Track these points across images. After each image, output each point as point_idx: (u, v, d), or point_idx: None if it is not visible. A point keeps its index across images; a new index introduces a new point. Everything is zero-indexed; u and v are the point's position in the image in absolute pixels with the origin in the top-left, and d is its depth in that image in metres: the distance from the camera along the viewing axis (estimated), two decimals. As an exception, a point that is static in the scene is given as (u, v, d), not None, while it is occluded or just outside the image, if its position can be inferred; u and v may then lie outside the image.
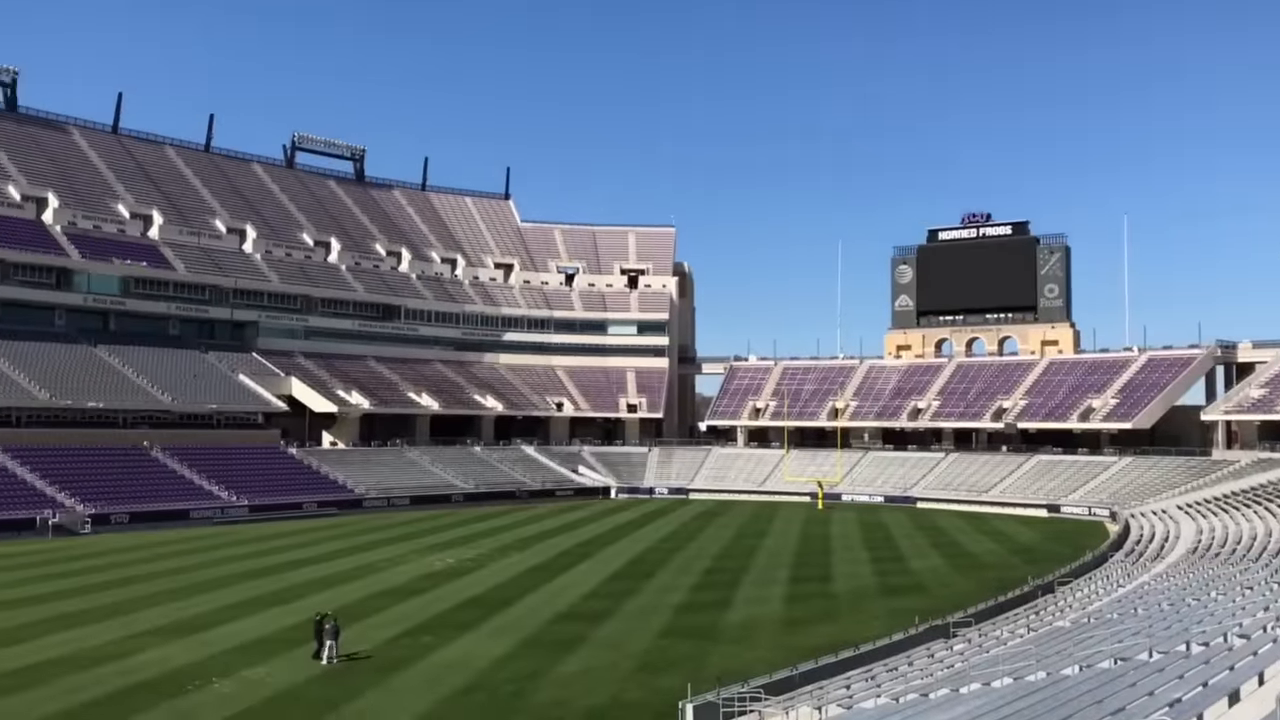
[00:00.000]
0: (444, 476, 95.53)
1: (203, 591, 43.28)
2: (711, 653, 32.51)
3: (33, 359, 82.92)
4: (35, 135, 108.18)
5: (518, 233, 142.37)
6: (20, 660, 30.40)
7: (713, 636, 35.08)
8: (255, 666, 29.99)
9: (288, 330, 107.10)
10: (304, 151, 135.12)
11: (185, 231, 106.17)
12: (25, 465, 71.78)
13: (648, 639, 34.48)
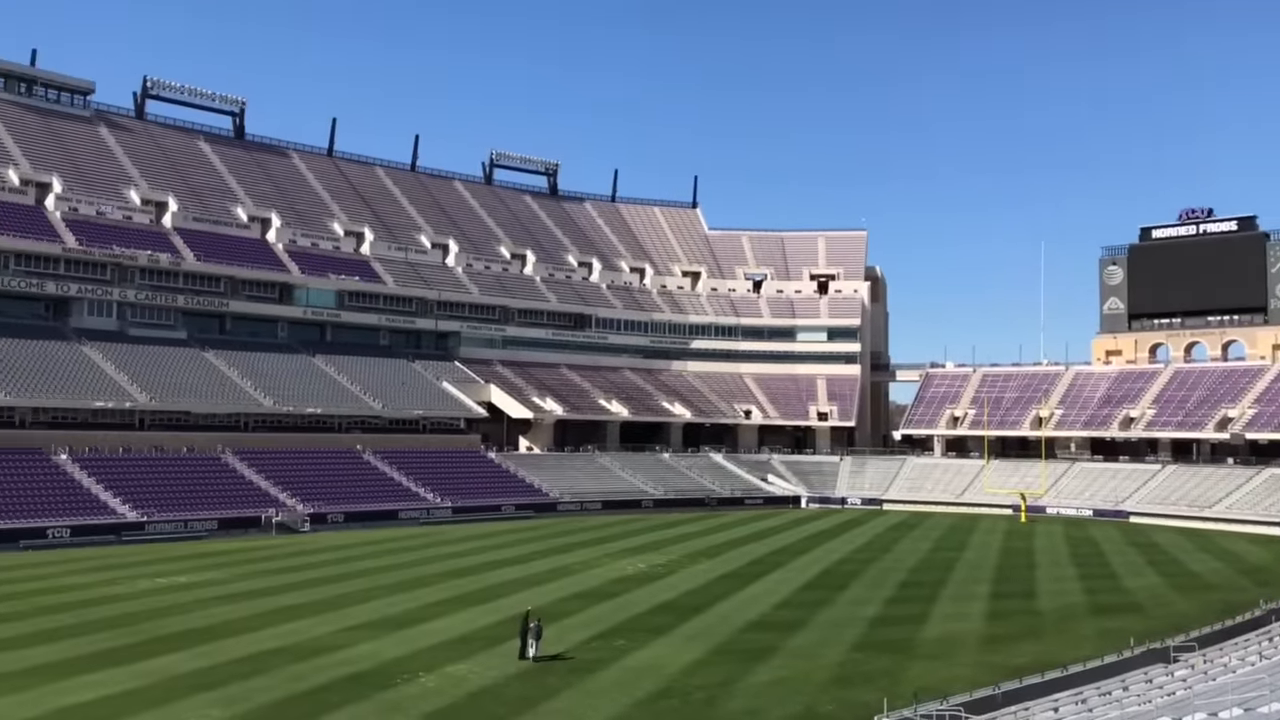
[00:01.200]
0: (634, 482, 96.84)
1: (410, 589, 45.42)
2: (908, 668, 31.51)
3: (258, 368, 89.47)
4: (260, 160, 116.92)
5: (705, 240, 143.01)
6: (246, 649, 32.71)
7: (908, 651, 34.00)
8: (458, 663, 31.17)
9: (487, 340, 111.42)
10: (501, 168, 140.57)
11: (393, 247, 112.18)
12: (252, 467, 77.45)
13: (841, 651, 33.77)
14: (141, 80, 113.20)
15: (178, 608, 39.96)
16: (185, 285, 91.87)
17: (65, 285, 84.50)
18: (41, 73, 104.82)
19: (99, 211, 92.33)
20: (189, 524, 66.90)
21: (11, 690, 27.09)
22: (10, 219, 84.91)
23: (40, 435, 71.66)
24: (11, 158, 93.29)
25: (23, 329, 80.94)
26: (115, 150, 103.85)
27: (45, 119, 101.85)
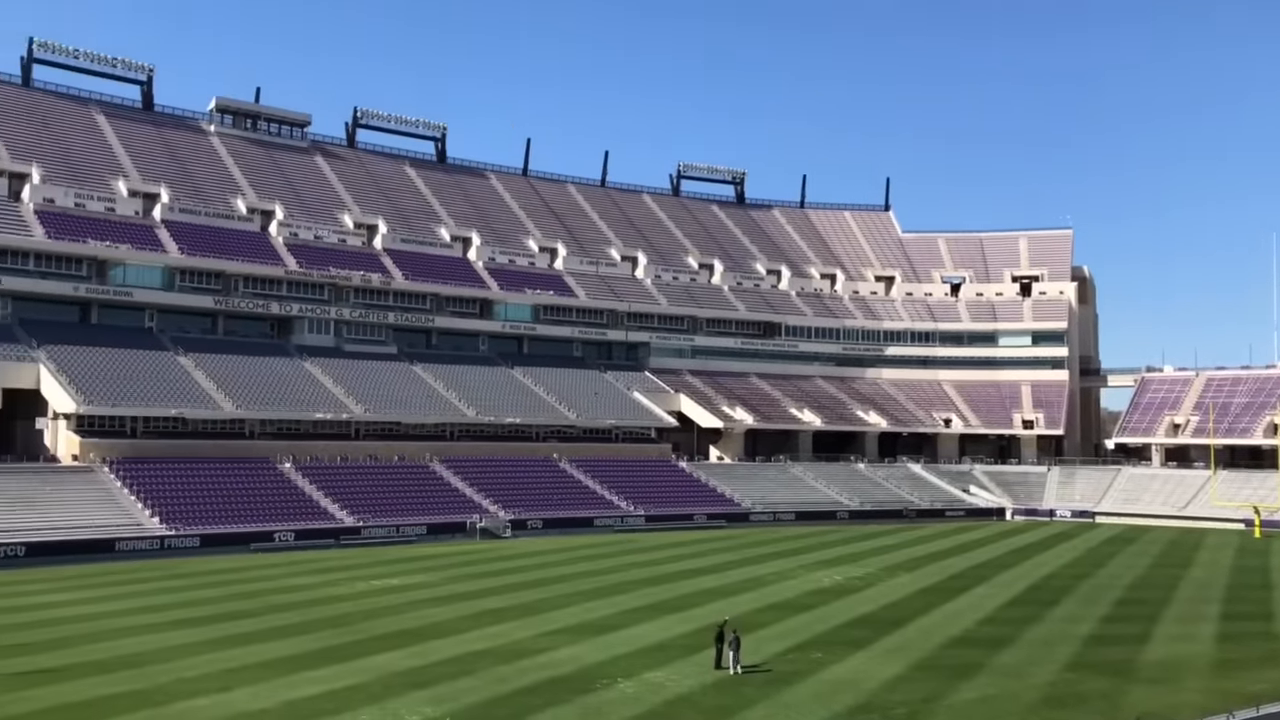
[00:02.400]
0: (828, 493, 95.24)
1: (607, 595, 46.18)
2: (1127, 691, 29.50)
3: (461, 380, 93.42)
4: (460, 182, 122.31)
5: (898, 244, 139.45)
6: (454, 650, 34.04)
7: (1128, 673, 31.84)
8: (655, 670, 31.40)
9: (676, 349, 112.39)
10: (688, 179, 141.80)
11: (585, 261, 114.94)
12: (457, 474, 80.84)
13: (1053, 670, 32.00)
14: (352, 111, 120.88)
15: (391, 609, 42.07)
16: (395, 303, 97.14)
17: (288, 305, 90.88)
18: (264, 108, 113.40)
19: (316, 236, 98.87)
20: (400, 529, 70.47)
21: (246, 683, 29.18)
22: (240, 245, 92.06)
23: (266, 445, 77.18)
24: (240, 188, 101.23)
25: (251, 346, 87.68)
26: (330, 177, 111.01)
27: (268, 151, 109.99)
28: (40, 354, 73.91)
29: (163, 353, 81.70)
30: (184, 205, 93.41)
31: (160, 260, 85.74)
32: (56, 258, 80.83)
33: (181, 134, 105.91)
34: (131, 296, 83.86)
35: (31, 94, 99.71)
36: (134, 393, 73.92)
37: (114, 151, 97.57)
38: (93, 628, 37.26)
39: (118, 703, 26.81)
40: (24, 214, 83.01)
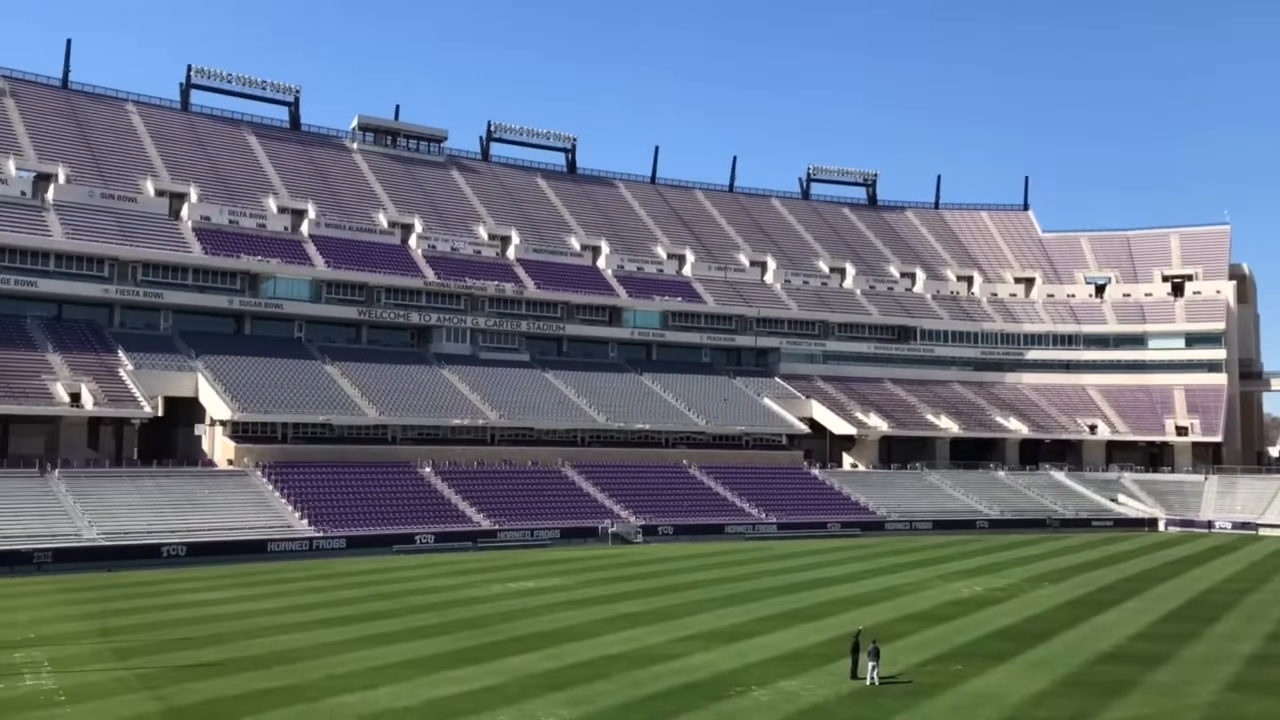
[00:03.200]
0: (966, 501, 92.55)
1: (740, 602, 45.93)
2: (1299, 715, 27.65)
3: (592, 386, 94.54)
4: (590, 192, 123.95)
5: (1039, 244, 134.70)
6: (589, 653, 34.39)
7: (1300, 696, 29.84)
8: (790, 679, 31.05)
9: (807, 355, 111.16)
10: (818, 182, 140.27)
11: (713, 267, 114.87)
12: (588, 479, 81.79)
13: (1213, 690, 30.26)
14: (486, 125, 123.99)
15: (527, 611, 42.82)
16: (527, 311, 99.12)
17: (427, 315, 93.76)
18: (403, 125, 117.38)
19: (453, 247, 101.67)
20: (534, 533, 71.72)
21: (390, 681, 30.12)
22: (382, 258, 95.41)
23: (407, 450, 79.67)
24: (381, 203, 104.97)
25: (392, 355, 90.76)
26: (465, 190, 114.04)
27: (407, 166, 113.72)
28: (198, 364, 78.11)
29: (310, 362, 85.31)
30: (329, 220, 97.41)
31: (308, 273, 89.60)
32: (213, 272, 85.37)
33: (326, 152, 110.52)
34: (281, 308, 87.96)
35: (189, 117, 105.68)
36: (284, 400, 77.38)
37: (264, 170, 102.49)
38: (248, 625, 39.10)
39: (273, 697, 28.03)
40: (183, 232, 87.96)
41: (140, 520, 61.74)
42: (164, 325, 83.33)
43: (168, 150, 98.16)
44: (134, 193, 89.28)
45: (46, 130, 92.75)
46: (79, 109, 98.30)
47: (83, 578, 51.98)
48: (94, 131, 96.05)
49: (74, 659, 32.55)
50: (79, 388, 70.01)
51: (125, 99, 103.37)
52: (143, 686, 28.99)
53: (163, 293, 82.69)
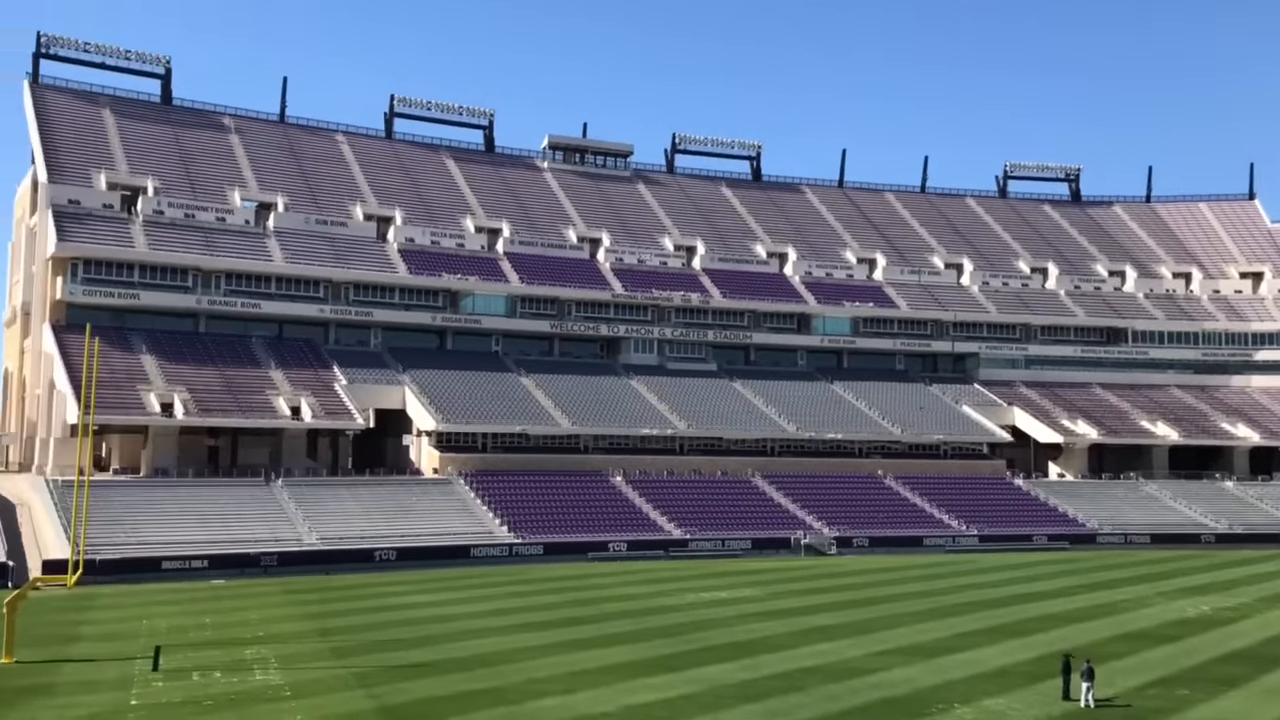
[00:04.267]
0: (1189, 514, 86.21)
1: (940, 617, 44.28)
2: None
3: (780, 395, 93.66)
4: (775, 199, 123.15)
5: (1267, 236, 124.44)
6: (784, 665, 33.91)
7: None
8: (995, 697, 29.64)
9: (1007, 360, 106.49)
10: (1016, 179, 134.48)
11: (905, 271, 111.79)
12: (779, 489, 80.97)
13: None
14: (671, 137, 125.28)
15: (720, 621, 42.68)
16: (714, 321, 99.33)
17: (615, 327, 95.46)
18: (591, 142, 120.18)
19: (640, 260, 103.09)
20: (725, 542, 71.57)
21: (588, 686, 30.61)
22: (572, 272, 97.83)
23: (599, 459, 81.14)
24: (570, 219, 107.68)
25: (582, 366, 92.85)
26: (651, 203, 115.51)
27: (595, 182, 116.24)
28: (405, 378, 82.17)
29: (507, 374, 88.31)
30: (522, 238, 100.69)
31: (504, 290, 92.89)
32: (416, 291, 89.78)
33: (518, 171, 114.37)
34: (480, 323, 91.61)
35: (393, 144, 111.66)
36: (484, 411, 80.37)
37: (462, 192, 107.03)
38: (453, 628, 40.65)
39: (478, 699, 28.98)
40: (389, 253, 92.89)
41: (354, 526, 65.41)
42: (374, 342, 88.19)
43: (374, 176, 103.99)
44: (345, 218, 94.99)
45: (266, 163, 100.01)
46: (294, 141, 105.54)
47: (303, 580, 55.46)
48: (308, 162, 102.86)
49: (297, 656, 34.69)
50: (299, 402, 74.91)
51: (335, 130, 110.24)
52: (358, 685, 30.56)
53: (372, 311, 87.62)
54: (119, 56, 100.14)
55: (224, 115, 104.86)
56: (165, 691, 29.44)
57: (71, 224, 79.78)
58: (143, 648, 35.58)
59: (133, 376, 72.72)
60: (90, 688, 29.96)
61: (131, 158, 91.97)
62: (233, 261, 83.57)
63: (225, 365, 78.05)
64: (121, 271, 79.32)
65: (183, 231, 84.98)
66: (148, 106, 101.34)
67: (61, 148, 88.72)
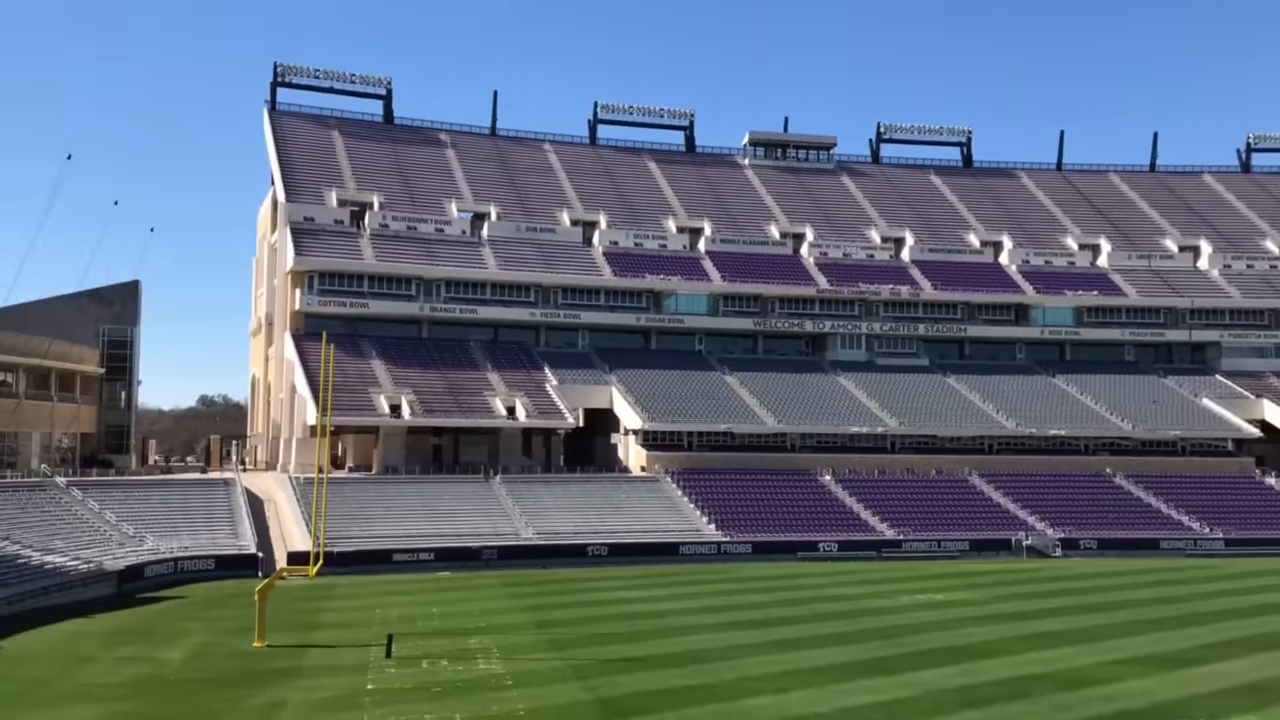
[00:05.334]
0: None
1: (1180, 626, 41.11)
2: None
3: (997, 390, 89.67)
4: (988, 185, 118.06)
5: None
6: (1007, 671, 32.30)
7: None
8: (1248, 714, 27.16)
9: (1254, 349, 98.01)
10: (1261, 152, 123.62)
11: (1134, 256, 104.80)
12: (998, 489, 77.54)
13: None
14: (875, 127, 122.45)
15: (937, 624, 41.21)
16: (924, 314, 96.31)
17: (820, 323, 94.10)
18: (792, 136, 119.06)
19: (845, 253, 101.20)
20: (941, 543, 69.20)
21: (801, 686, 30.18)
22: (774, 268, 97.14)
23: (806, 458, 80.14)
24: (772, 215, 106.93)
25: (787, 364, 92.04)
26: (855, 195, 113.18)
27: (797, 176, 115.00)
28: (612, 378, 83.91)
29: (710, 372, 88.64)
30: (724, 236, 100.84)
31: (706, 289, 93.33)
32: (621, 292, 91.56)
33: (719, 170, 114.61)
34: (683, 323, 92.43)
35: (597, 150, 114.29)
36: (689, 410, 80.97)
37: (664, 193, 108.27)
38: (664, 623, 41.08)
39: (692, 694, 29.12)
40: (595, 256, 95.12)
41: (567, 522, 67.35)
42: (581, 343, 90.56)
43: (579, 182, 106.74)
44: (553, 224, 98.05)
45: (479, 174, 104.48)
46: (505, 152, 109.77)
47: (521, 573, 57.53)
48: (518, 171, 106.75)
49: (517, 647, 35.96)
50: (514, 402, 77.86)
51: (542, 139, 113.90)
52: (575, 677, 31.34)
53: (580, 313, 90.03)
54: (345, 80, 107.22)
55: (440, 131, 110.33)
56: (397, 677, 31.15)
57: (307, 239, 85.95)
58: (376, 635, 37.83)
59: (364, 380, 77.56)
60: (331, 671, 32.08)
61: (358, 175, 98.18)
62: (451, 270, 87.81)
63: (446, 368, 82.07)
64: (352, 282, 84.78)
65: (406, 243, 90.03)
66: (371, 126, 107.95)
67: (297, 169, 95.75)
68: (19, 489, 61.21)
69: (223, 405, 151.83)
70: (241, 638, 37.41)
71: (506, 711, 27.20)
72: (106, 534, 58.40)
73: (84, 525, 58.87)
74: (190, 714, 27.10)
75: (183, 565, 55.96)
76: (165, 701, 28.36)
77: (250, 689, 29.74)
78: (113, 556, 54.19)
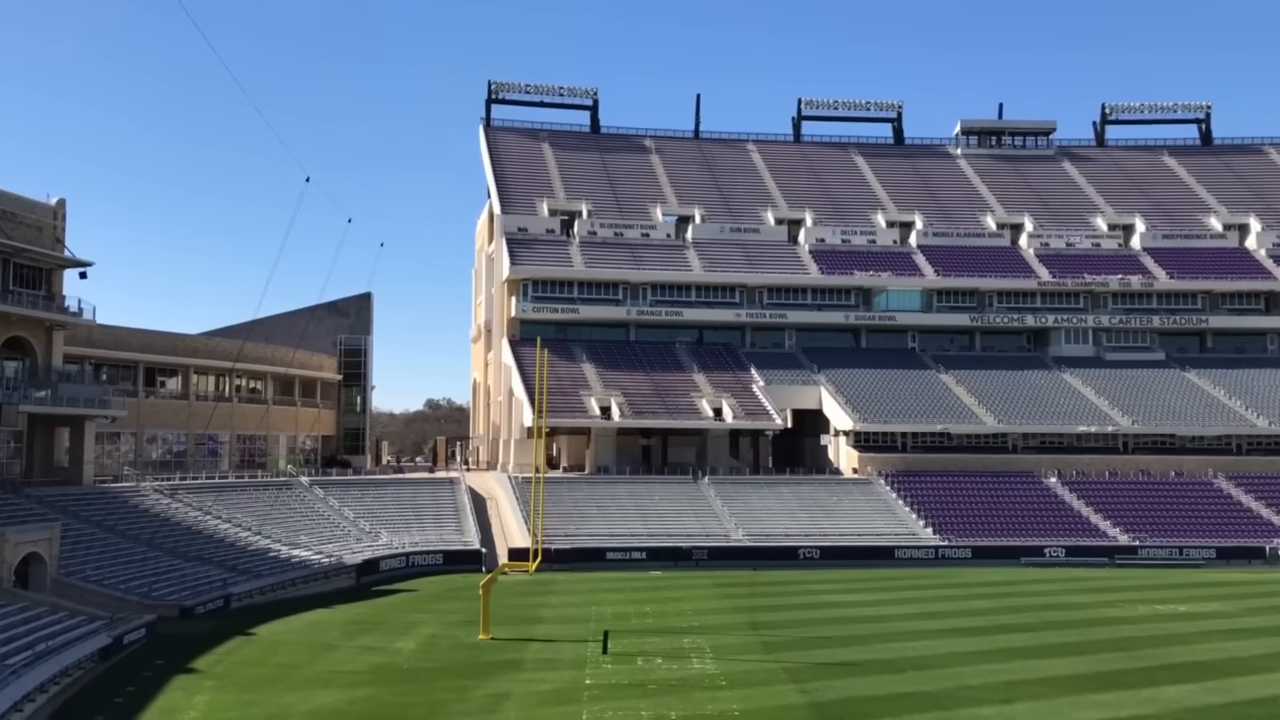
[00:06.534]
0: None
1: None
2: None
3: (1246, 385, 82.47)
4: (1229, 163, 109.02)
5: None
6: (1262, 690, 29.71)
7: None
8: None
9: None
10: None
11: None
12: (1248, 492, 71.31)
13: None
14: (1100, 108, 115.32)
15: (1179, 637, 38.31)
16: (1159, 305, 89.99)
17: (1042, 317, 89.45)
18: (1007, 123, 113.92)
19: (1068, 243, 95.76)
20: (1183, 550, 64.31)
21: (1027, 697, 28.71)
22: (991, 261, 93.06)
23: (1029, 459, 76.24)
24: (988, 205, 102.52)
25: (1006, 360, 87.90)
26: (1077, 181, 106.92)
27: (1013, 164, 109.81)
28: (820, 378, 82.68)
29: (924, 371, 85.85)
30: (936, 229, 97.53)
31: (918, 284, 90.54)
32: (828, 290, 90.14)
33: (929, 161, 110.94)
34: (894, 320, 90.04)
35: (801, 148, 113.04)
36: (901, 410, 78.70)
37: (871, 188, 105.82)
38: (881, 628, 40.07)
39: (909, 702, 28.28)
40: (800, 255, 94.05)
41: (778, 524, 66.84)
42: (788, 343, 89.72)
43: (783, 180, 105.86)
44: (757, 224, 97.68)
45: (683, 177, 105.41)
46: (708, 154, 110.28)
47: (732, 574, 57.52)
48: (721, 173, 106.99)
49: (729, 648, 35.97)
50: (720, 403, 78.02)
51: (745, 139, 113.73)
52: (789, 679, 31.03)
53: (786, 313, 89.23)
54: (553, 94, 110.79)
55: (644, 137, 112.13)
56: (614, 673, 31.79)
57: (521, 249, 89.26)
58: (593, 631, 38.76)
59: (576, 383, 79.74)
60: (551, 665, 33.10)
61: (567, 185, 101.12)
62: (656, 273, 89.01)
63: (653, 370, 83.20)
64: (563, 289, 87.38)
65: (613, 249, 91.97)
66: (579, 137, 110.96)
67: (510, 181, 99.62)
68: (269, 487, 66.54)
69: (447, 408, 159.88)
70: (467, 630, 39.19)
71: (721, 711, 27.24)
72: (345, 529, 62.61)
73: (325, 521, 63.34)
74: (422, 702, 28.59)
75: (413, 560, 59.22)
76: (399, 689, 30.05)
77: (476, 680, 31.08)
78: (351, 551, 58.02)
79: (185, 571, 47.98)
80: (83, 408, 54.48)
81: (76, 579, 42.40)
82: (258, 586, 48.23)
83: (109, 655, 34.30)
